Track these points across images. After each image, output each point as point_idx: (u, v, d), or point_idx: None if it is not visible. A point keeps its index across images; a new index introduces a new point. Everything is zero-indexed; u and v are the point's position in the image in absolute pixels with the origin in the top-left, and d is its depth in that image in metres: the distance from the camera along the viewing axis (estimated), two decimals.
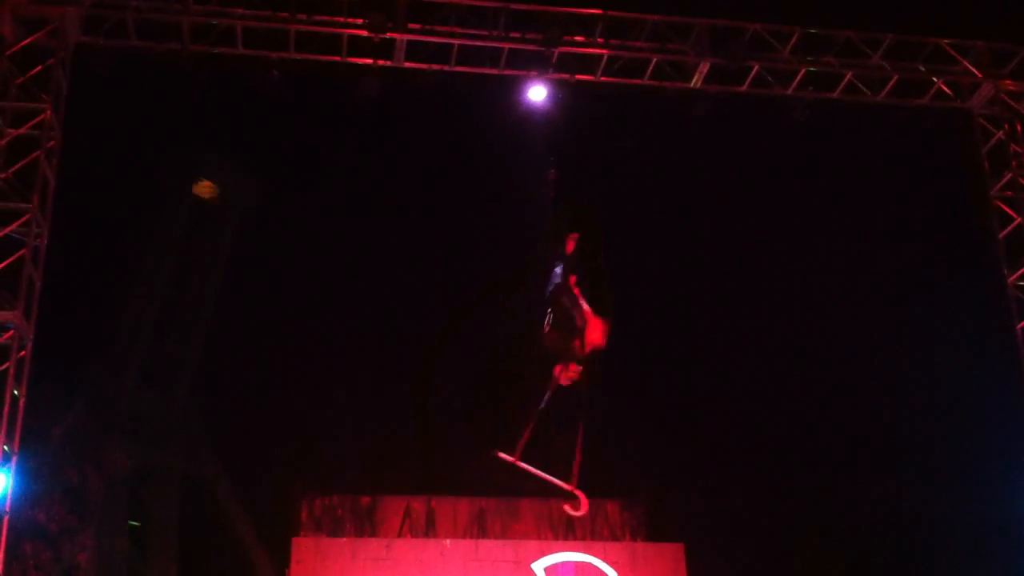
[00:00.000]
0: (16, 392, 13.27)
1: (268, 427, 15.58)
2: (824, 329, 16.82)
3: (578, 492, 10.86)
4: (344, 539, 16.47)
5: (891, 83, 16.09)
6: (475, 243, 16.24)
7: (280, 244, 16.06)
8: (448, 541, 16.46)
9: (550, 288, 10.90)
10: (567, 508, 11.13)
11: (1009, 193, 15.95)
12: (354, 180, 16.17)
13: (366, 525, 16.94)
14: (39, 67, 14.41)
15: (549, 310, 10.79)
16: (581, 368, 10.64)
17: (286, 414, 15.57)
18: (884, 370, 16.79)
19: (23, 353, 13.49)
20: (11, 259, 13.58)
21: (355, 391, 15.77)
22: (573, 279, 10.93)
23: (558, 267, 11.06)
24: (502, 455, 10.67)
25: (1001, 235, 15.85)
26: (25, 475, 13.40)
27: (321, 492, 16.66)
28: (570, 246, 11.19)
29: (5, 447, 12.99)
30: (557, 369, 10.65)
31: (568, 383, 10.69)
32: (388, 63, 15.25)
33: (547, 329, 10.77)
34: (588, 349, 10.64)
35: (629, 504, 17.57)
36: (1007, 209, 15.92)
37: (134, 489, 15.29)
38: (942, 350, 16.67)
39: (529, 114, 15.18)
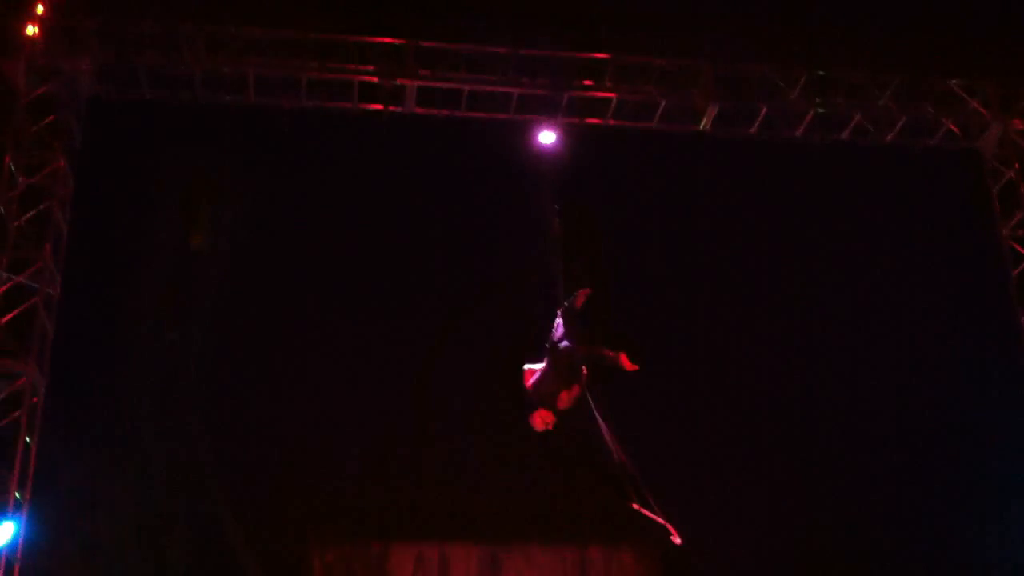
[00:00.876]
0: (28, 440, 13.29)
1: (278, 473, 15.49)
2: (832, 375, 16.75)
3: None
4: None
5: (900, 124, 16.16)
6: (486, 293, 16.21)
7: (287, 296, 16.05)
8: None
9: (556, 342, 10.73)
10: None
11: (1021, 232, 15.98)
12: (361, 226, 16.22)
13: (378, 574, 16.79)
14: (52, 117, 14.57)
15: (546, 359, 10.63)
16: (555, 420, 10.46)
17: (296, 460, 15.48)
18: (889, 412, 16.74)
19: (35, 400, 13.52)
20: (23, 307, 13.64)
21: (366, 432, 15.68)
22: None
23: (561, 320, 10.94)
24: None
25: (1014, 273, 15.87)
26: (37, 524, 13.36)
27: (333, 541, 16.52)
28: (580, 300, 11.15)
29: (17, 494, 12.98)
30: (536, 418, 10.43)
31: (542, 429, 10.49)
32: (399, 109, 15.36)
33: (539, 377, 10.57)
34: (568, 405, 10.47)
35: (644, 552, 17.38)
36: (1019, 248, 15.94)
37: (149, 538, 15.17)
38: (954, 390, 16.62)
39: (539, 158, 15.22)
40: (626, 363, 10.11)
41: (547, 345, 10.66)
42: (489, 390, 11.86)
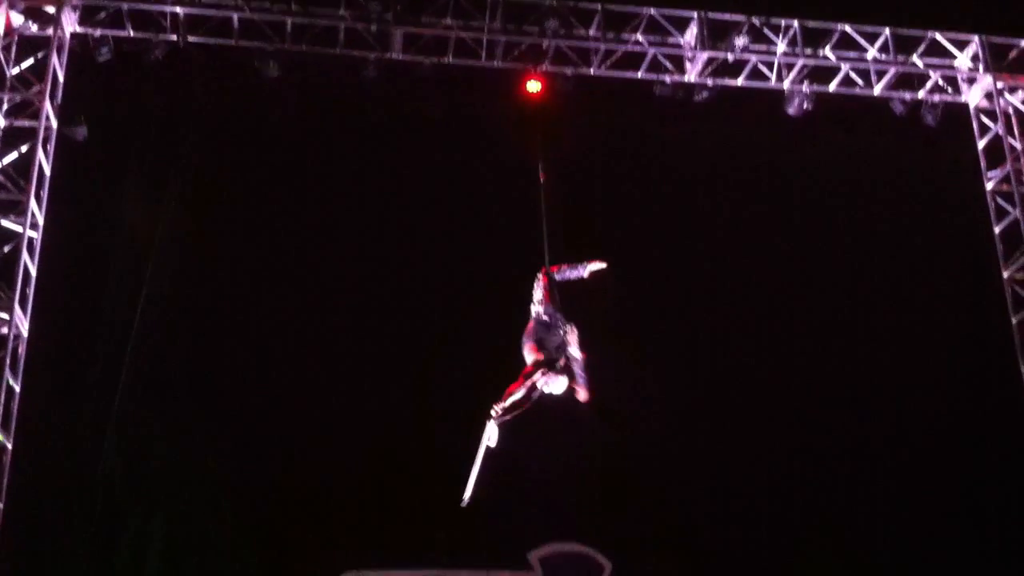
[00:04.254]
0: (12, 382, 13.34)
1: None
2: (819, 325, 16.80)
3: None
4: None
5: (888, 76, 16.13)
6: (469, 246, 16.16)
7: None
8: None
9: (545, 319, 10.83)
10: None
11: (1005, 187, 15.99)
12: (341, 173, 16.17)
13: None
14: (34, 57, 14.49)
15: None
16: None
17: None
18: (876, 367, 16.78)
19: (18, 344, 13.57)
20: (6, 250, 13.64)
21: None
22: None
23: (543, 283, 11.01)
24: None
25: (997, 229, 15.91)
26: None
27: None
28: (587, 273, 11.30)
29: (1, 438, 13.07)
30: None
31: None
32: (384, 55, 15.27)
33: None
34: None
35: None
36: (1003, 204, 15.97)
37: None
38: (937, 343, 16.69)
39: (525, 107, 15.16)
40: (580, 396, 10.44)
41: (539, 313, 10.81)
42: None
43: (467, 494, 10.59)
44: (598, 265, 11.58)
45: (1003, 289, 15.74)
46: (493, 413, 10.41)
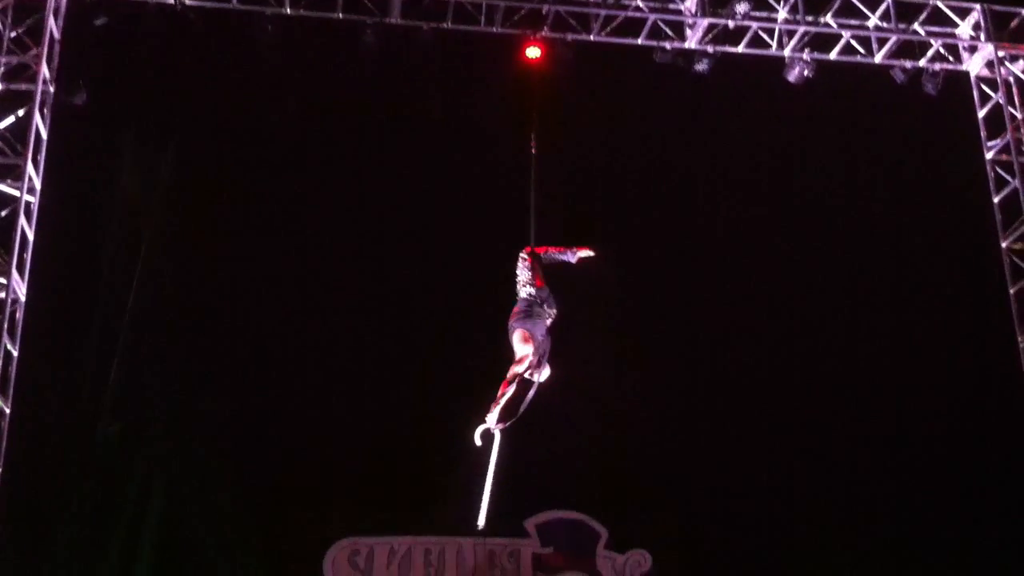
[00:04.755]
0: (9, 347, 13.36)
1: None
2: (816, 290, 16.83)
3: None
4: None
5: (888, 44, 16.05)
6: (465, 212, 16.13)
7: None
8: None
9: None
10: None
11: (1005, 157, 15.95)
12: (339, 138, 16.13)
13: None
14: (31, 20, 14.39)
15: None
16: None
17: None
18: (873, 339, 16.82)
19: (16, 309, 13.57)
20: (3, 213, 13.62)
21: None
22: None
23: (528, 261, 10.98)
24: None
25: (996, 199, 15.89)
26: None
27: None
28: (575, 259, 11.25)
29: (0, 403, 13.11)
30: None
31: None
32: (383, 20, 15.17)
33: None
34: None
35: None
36: (1003, 174, 15.93)
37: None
38: (934, 312, 16.73)
39: (524, 74, 15.07)
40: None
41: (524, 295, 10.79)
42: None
43: (482, 517, 10.42)
44: (587, 252, 11.46)
45: (1001, 259, 15.72)
46: (490, 420, 10.15)
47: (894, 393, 16.46)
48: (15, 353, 13.43)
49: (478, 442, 10.20)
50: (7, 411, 13.19)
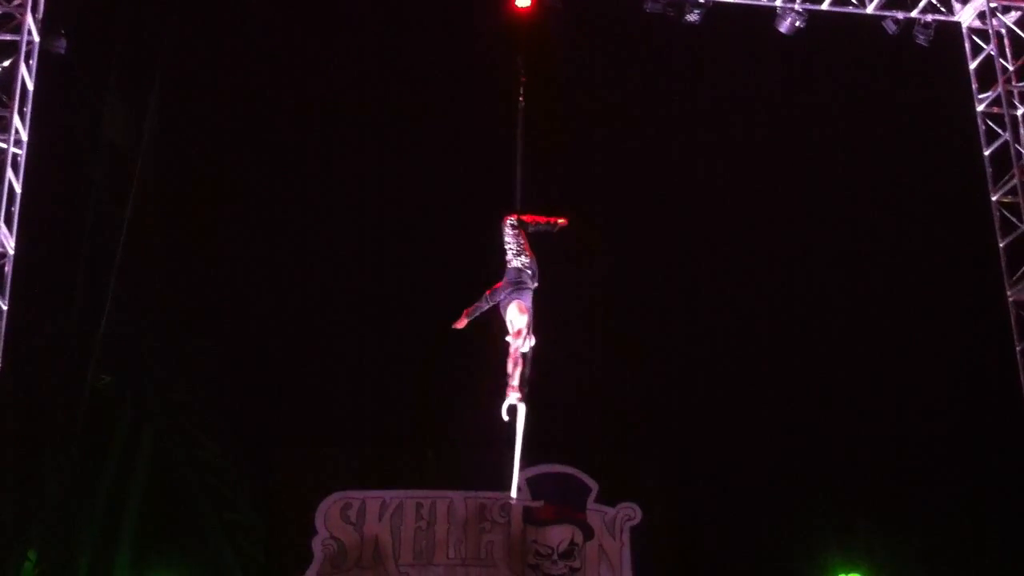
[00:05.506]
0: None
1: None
2: (808, 243, 16.87)
3: None
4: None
5: None
6: (453, 162, 16.06)
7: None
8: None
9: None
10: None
11: (996, 110, 15.86)
12: (324, 87, 16.02)
13: None
14: None
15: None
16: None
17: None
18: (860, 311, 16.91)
19: (4, 262, 13.48)
20: None
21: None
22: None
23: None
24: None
25: (987, 152, 15.84)
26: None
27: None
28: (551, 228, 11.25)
29: None
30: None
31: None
32: None
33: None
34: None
35: None
36: (993, 126, 15.87)
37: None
38: (924, 265, 16.77)
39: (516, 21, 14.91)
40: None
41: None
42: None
43: (514, 489, 10.86)
44: (562, 222, 11.40)
45: (991, 212, 15.70)
46: (513, 396, 10.45)
47: (885, 353, 16.57)
48: (4, 307, 13.35)
49: (505, 417, 10.49)
50: None
